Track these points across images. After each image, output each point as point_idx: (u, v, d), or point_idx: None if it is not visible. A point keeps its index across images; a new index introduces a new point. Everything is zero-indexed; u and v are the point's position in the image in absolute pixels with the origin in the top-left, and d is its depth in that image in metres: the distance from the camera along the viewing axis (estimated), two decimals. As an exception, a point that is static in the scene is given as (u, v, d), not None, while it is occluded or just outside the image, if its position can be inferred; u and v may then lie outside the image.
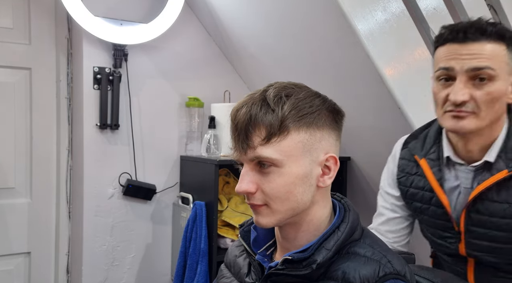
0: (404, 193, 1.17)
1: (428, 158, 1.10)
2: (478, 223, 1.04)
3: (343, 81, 1.68)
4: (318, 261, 0.70)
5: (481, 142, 1.02)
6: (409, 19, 1.51)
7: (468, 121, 0.96)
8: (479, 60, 0.93)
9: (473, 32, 0.94)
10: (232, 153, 0.74)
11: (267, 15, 1.74)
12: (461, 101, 0.94)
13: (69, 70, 2.00)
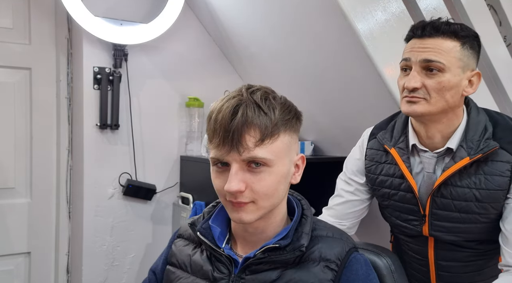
0: (372, 181, 1.27)
1: (397, 147, 1.20)
2: (442, 206, 1.14)
3: (343, 81, 1.68)
4: (306, 245, 0.79)
5: (440, 129, 1.12)
6: (409, 19, 1.51)
7: (418, 105, 1.08)
8: (430, 53, 1.06)
9: (429, 29, 1.07)
10: (215, 152, 0.77)
11: (267, 15, 1.74)
12: (412, 88, 1.07)
13: (69, 70, 2.00)
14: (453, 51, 1.06)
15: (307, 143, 2.11)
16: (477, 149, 1.08)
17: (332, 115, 1.90)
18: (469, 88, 1.10)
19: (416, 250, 1.26)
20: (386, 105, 1.54)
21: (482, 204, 1.10)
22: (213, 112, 0.78)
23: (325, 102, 1.86)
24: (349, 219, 1.33)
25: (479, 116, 1.13)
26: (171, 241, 0.95)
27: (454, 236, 1.16)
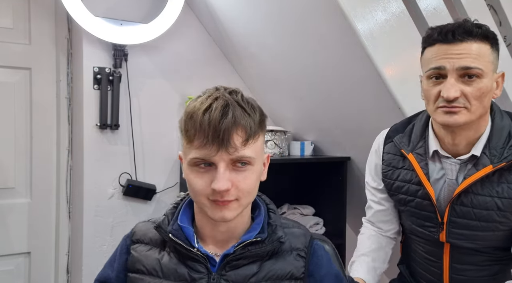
0: (389, 186, 1.24)
1: (415, 153, 1.16)
2: (461, 214, 1.11)
3: (343, 81, 1.68)
4: (283, 236, 0.86)
5: (468, 136, 1.08)
6: (409, 19, 1.51)
7: (460, 116, 1.03)
8: (468, 59, 1.00)
9: (461, 33, 1.01)
10: (199, 152, 0.78)
11: (267, 15, 1.74)
12: (453, 97, 1.01)
13: (69, 70, 2.01)
14: (486, 54, 1.02)
15: (307, 143, 2.11)
16: (500, 157, 1.04)
17: (332, 115, 1.90)
18: (496, 90, 1.06)
19: (430, 252, 1.23)
20: (386, 105, 1.55)
21: (503, 212, 1.07)
22: (194, 111, 0.78)
23: (325, 102, 1.86)
24: (386, 226, 1.32)
25: (503, 121, 1.09)
26: (125, 248, 0.90)
27: (472, 243, 1.13)
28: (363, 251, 1.31)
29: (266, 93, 2.18)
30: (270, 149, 1.97)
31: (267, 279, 0.83)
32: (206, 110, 0.77)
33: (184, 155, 0.82)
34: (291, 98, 2.04)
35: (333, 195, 2.06)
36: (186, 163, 0.81)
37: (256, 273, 0.83)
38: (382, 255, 1.31)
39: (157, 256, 0.86)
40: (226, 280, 0.82)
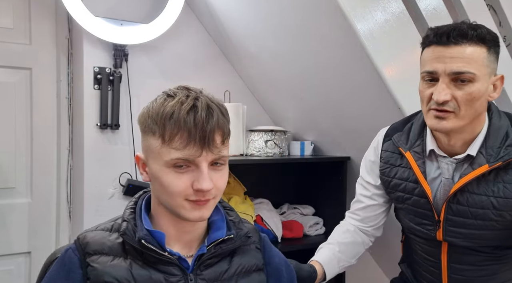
0: (386, 184, 1.25)
1: (413, 151, 1.17)
2: (457, 213, 1.12)
3: (343, 81, 1.68)
4: (249, 231, 0.91)
5: (463, 137, 1.09)
6: (409, 19, 1.51)
7: (448, 121, 1.04)
8: (460, 64, 1.00)
9: (455, 36, 1.00)
10: (181, 152, 0.77)
11: (267, 15, 1.74)
12: (443, 101, 1.02)
13: (69, 70, 2.01)
14: (481, 58, 1.01)
15: (307, 143, 2.11)
16: (497, 156, 1.05)
17: (332, 115, 1.90)
18: (494, 92, 1.06)
19: (429, 252, 1.24)
20: (386, 105, 1.55)
21: (499, 212, 1.07)
22: (174, 111, 0.77)
23: (325, 102, 1.86)
24: (371, 222, 1.33)
25: (501, 121, 1.10)
26: (76, 263, 0.81)
27: (469, 242, 1.14)
28: (332, 241, 1.33)
29: (266, 93, 2.18)
30: (270, 149, 1.98)
31: (238, 273, 0.87)
32: (190, 109, 0.77)
33: (157, 156, 0.79)
34: (291, 98, 2.04)
35: (333, 195, 2.06)
36: (161, 164, 0.78)
37: (227, 269, 0.86)
38: (352, 250, 1.32)
39: (125, 265, 0.80)
40: (203, 279, 0.83)
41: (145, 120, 0.81)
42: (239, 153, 1.97)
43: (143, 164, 0.84)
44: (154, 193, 0.85)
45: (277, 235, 1.94)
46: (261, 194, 2.14)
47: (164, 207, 0.83)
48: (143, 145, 0.83)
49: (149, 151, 0.81)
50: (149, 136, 0.80)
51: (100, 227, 0.86)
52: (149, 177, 0.84)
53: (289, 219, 2.10)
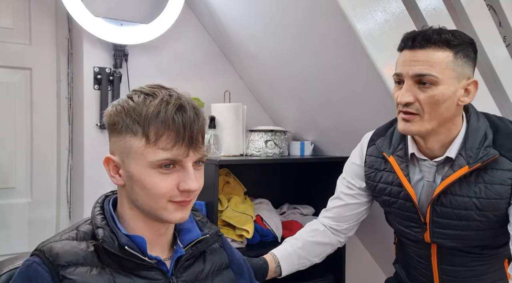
0: (372, 188, 1.27)
1: (396, 155, 1.19)
2: (442, 215, 1.14)
3: (343, 81, 1.68)
4: (219, 230, 0.93)
5: (440, 140, 1.11)
6: (409, 19, 1.51)
7: (413, 124, 1.06)
8: (421, 66, 1.03)
9: (420, 40, 1.04)
10: (169, 152, 0.75)
11: (267, 15, 1.74)
12: (405, 102, 1.05)
13: (69, 70, 2.01)
14: (445, 62, 1.02)
15: (307, 143, 2.11)
16: (476, 157, 1.06)
17: (332, 115, 1.90)
18: (465, 97, 1.07)
19: (419, 254, 1.25)
20: (386, 105, 1.55)
21: (483, 212, 1.08)
22: (160, 110, 0.75)
23: (325, 102, 1.86)
24: (347, 222, 1.34)
25: (479, 122, 1.11)
26: (46, 278, 0.74)
27: (456, 242, 1.16)
28: (298, 236, 1.34)
29: (266, 93, 2.19)
30: (270, 149, 1.98)
31: (212, 272, 0.88)
32: (178, 109, 0.76)
33: (139, 157, 0.76)
34: (291, 98, 2.04)
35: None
36: (145, 165, 0.75)
37: (203, 269, 0.87)
38: (317, 250, 1.33)
39: (106, 274, 0.76)
40: (184, 280, 0.83)
41: (121, 119, 0.77)
42: (239, 153, 1.97)
43: (115, 166, 0.80)
44: (128, 196, 0.80)
45: (277, 235, 1.94)
46: (261, 194, 2.14)
47: (139, 210, 0.80)
48: (117, 146, 0.79)
49: (127, 152, 0.77)
50: (128, 136, 0.76)
51: (64, 236, 0.78)
52: (124, 180, 0.79)
53: (289, 219, 2.10)
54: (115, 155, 0.80)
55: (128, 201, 0.81)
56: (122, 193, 0.82)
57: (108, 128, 0.81)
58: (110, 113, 0.79)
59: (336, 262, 2.04)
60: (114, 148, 0.80)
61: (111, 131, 0.80)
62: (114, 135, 0.79)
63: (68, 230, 0.81)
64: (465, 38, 1.06)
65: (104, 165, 0.81)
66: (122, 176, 0.79)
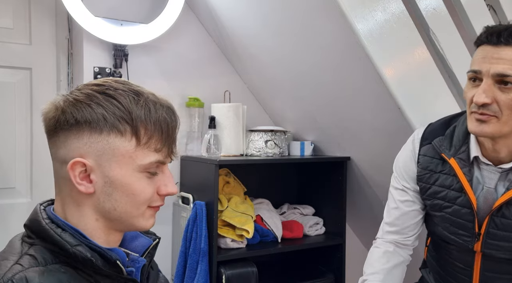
0: (424, 190, 1.17)
1: (458, 158, 1.09)
2: (501, 227, 1.05)
3: (343, 81, 1.68)
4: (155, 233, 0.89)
5: (509, 144, 1.02)
6: (409, 19, 1.51)
7: (488, 125, 0.97)
8: (505, 66, 0.93)
9: (506, 36, 0.94)
10: (158, 155, 0.71)
11: (267, 15, 1.74)
12: (482, 103, 0.96)
13: (69, 70, 2.01)
14: None
15: (307, 143, 2.11)
16: None
17: (332, 115, 1.90)
18: None
19: (460, 260, 1.17)
20: (386, 105, 1.55)
21: None
22: (150, 110, 0.70)
23: (325, 102, 1.86)
24: (412, 232, 1.23)
25: None
26: None
27: (507, 254, 1.08)
28: (373, 270, 1.22)
29: (266, 93, 2.18)
30: (270, 149, 1.98)
31: (156, 274, 0.87)
32: (167, 110, 0.72)
33: (127, 160, 0.69)
34: (291, 98, 2.04)
35: (333, 195, 2.06)
36: (133, 169, 0.69)
37: (154, 274, 0.86)
38: (397, 274, 1.23)
39: None
40: None
41: (102, 117, 0.68)
42: (239, 153, 1.97)
43: (84, 171, 0.68)
44: (97, 205, 0.70)
45: (277, 235, 1.94)
46: (261, 194, 2.14)
47: (107, 221, 0.71)
48: (92, 147, 0.68)
49: (109, 155, 0.68)
50: (112, 137, 0.68)
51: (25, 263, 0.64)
52: (94, 188, 0.69)
53: (289, 219, 2.10)
54: (87, 158, 0.68)
55: (93, 212, 0.71)
56: (84, 203, 0.70)
57: (75, 126, 0.68)
58: (79, 107, 0.68)
59: (336, 262, 2.05)
60: (86, 150, 0.68)
61: (81, 129, 0.68)
62: (87, 134, 0.68)
63: (9, 257, 0.65)
64: None
65: (68, 171, 0.68)
66: (94, 183, 0.69)
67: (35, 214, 0.71)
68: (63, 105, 0.69)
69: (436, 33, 1.56)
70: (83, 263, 0.67)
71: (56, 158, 0.71)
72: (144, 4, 1.97)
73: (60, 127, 0.69)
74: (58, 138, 0.70)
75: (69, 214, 0.71)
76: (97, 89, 0.72)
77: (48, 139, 0.72)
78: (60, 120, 0.69)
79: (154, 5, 1.96)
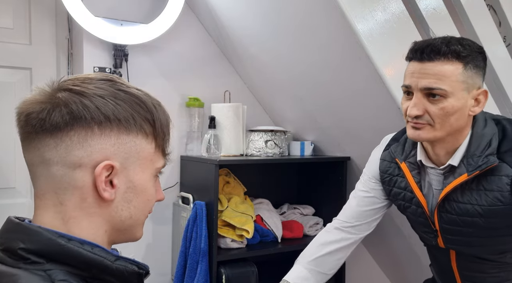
0: (387, 192, 1.27)
1: (408, 162, 1.18)
2: (449, 221, 1.13)
3: (343, 81, 1.68)
4: None
5: (446, 147, 1.10)
6: (409, 19, 1.51)
7: (423, 131, 1.05)
8: (431, 80, 1.01)
9: (429, 52, 1.02)
10: (164, 160, 0.68)
11: (267, 15, 1.74)
12: (414, 115, 1.04)
13: (69, 70, 2.01)
14: (455, 74, 1.01)
15: (307, 143, 2.11)
16: (475, 165, 1.05)
17: (332, 115, 1.90)
18: (476, 107, 1.06)
19: (441, 260, 1.26)
20: (386, 105, 1.55)
21: (488, 219, 1.07)
22: (160, 105, 0.66)
23: (325, 102, 1.86)
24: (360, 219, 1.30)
25: (485, 129, 1.09)
26: None
27: (470, 249, 1.16)
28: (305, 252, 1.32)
29: (266, 93, 2.18)
30: (270, 149, 1.98)
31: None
32: (163, 109, 0.67)
33: (148, 163, 0.65)
34: (291, 98, 2.04)
35: (333, 195, 2.06)
36: (151, 173, 0.65)
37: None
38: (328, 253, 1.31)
39: None
40: None
41: (131, 115, 0.62)
42: (239, 153, 1.97)
43: (107, 175, 0.60)
44: (111, 214, 0.62)
45: (277, 235, 1.94)
46: (261, 194, 2.14)
47: (115, 232, 0.64)
48: (120, 148, 0.61)
49: (135, 157, 0.63)
50: (139, 137, 0.63)
51: None
52: (115, 194, 0.61)
53: (289, 219, 2.10)
54: (113, 160, 0.60)
55: (105, 223, 0.63)
56: (97, 213, 0.62)
57: (103, 123, 0.60)
58: (103, 103, 0.60)
59: (336, 262, 2.04)
60: (113, 151, 0.60)
61: (107, 128, 0.60)
62: (115, 133, 0.61)
63: None
64: (474, 47, 1.04)
65: (95, 175, 0.59)
66: (116, 189, 0.61)
67: (38, 234, 0.58)
68: (79, 99, 0.59)
69: (436, 33, 1.56)
70: (125, 278, 0.60)
71: (60, 161, 0.59)
72: (144, 4, 1.97)
73: (76, 124, 0.59)
74: (67, 137, 0.59)
75: (75, 228, 0.60)
76: (111, 84, 0.64)
77: (41, 140, 0.61)
78: (76, 115, 0.58)
79: (154, 5, 1.96)
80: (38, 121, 0.60)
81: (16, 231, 0.59)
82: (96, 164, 0.59)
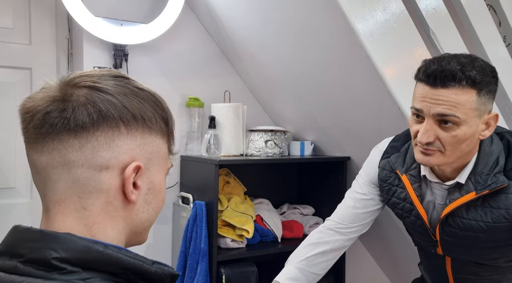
0: (386, 200, 1.26)
1: (409, 174, 1.17)
2: (451, 234, 1.14)
3: (343, 81, 1.68)
4: None
5: (453, 166, 1.09)
6: (409, 19, 1.51)
7: (434, 158, 1.03)
8: (445, 106, 0.98)
9: (443, 78, 0.97)
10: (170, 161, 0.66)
11: (267, 15, 1.74)
12: (425, 142, 1.01)
13: (69, 70, 2.01)
14: (469, 102, 0.97)
15: (307, 143, 2.11)
16: (484, 184, 1.04)
17: (332, 115, 1.90)
18: (486, 131, 1.04)
19: (434, 262, 1.27)
20: (386, 105, 1.55)
21: (491, 234, 1.08)
22: (169, 109, 0.63)
23: (325, 102, 1.86)
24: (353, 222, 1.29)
25: (492, 146, 1.07)
26: None
27: (468, 257, 1.17)
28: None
29: (266, 93, 2.18)
30: (270, 149, 1.98)
31: None
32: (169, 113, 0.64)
33: (164, 163, 0.63)
34: (291, 98, 2.04)
35: (333, 195, 2.06)
36: (164, 173, 0.63)
37: None
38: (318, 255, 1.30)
39: None
40: None
41: (152, 115, 0.59)
42: (239, 153, 1.97)
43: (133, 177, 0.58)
44: (131, 217, 0.60)
45: (277, 235, 1.94)
46: (261, 194, 2.14)
47: (130, 234, 0.63)
48: (144, 149, 0.59)
49: (155, 158, 0.61)
50: (159, 137, 0.61)
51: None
52: (137, 196, 0.59)
53: (289, 219, 2.11)
54: (139, 161, 0.58)
55: (125, 225, 0.61)
56: (120, 216, 0.59)
57: (131, 123, 0.57)
58: (128, 101, 0.57)
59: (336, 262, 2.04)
60: (139, 152, 0.58)
61: (133, 127, 0.57)
62: (140, 133, 0.58)
63: None
64: (487, 69, 1.01)
65: (124, 177, 0.57)
66: (139, 190, 0.59)
67: (72, 242, 0.55)
68: (104, 97, 0.56)
69: (436, 33, 1.56)
70: (163, 281, 0.58)
71: (86, 164, 0.55)
72: (144, 4, 1.97)
73: (103, 123, 0.55)
74: (93, 137, 0.55)
75: (100, 233, 0.58)
76: (127, 82, 0.61)
77: (63, 141, 0.55)
78: (104, 114, 0.55)
79: (154, 5, 1.96)
80: (61, 120, 0.54)
81: (41, 239, 0.56)
82: (124, 165, 0.56)
